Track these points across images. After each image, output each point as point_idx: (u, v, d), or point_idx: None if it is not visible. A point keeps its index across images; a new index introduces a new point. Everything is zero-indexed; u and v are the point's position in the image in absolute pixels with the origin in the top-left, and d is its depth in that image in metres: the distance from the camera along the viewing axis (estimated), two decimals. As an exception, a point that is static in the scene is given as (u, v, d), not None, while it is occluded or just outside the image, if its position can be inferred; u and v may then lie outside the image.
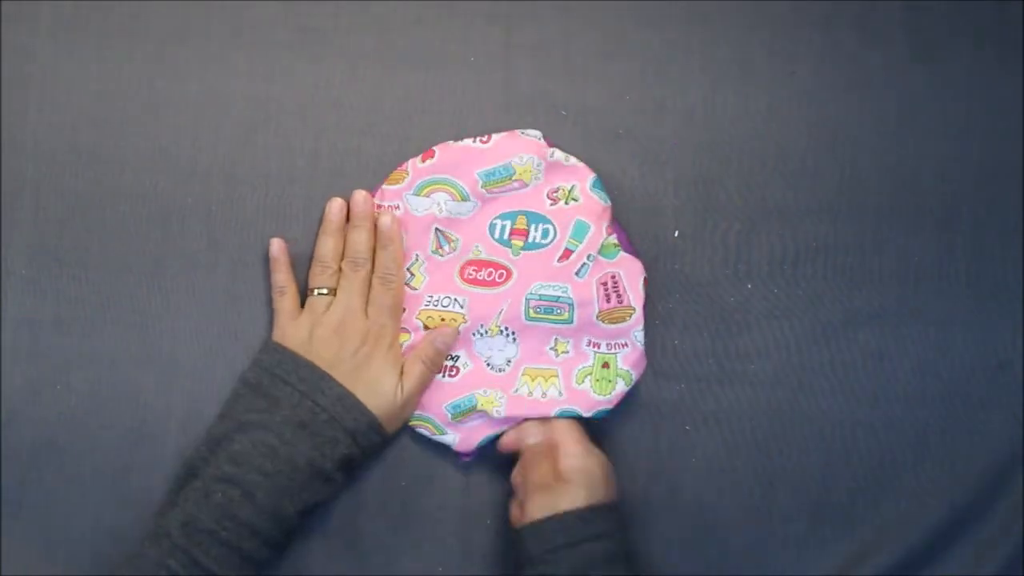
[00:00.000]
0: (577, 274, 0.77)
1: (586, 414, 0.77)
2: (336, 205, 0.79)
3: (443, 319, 0.78)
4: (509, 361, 0.79)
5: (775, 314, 0.80)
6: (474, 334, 0.78)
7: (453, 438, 0.79)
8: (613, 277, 0.78)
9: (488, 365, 0.79)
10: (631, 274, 0.78)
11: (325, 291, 0.77)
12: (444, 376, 0.79)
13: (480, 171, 0.78)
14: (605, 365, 0.78)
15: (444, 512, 0.80)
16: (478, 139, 0.79)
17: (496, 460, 0.79)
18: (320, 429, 0.73)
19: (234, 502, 0.71)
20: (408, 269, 0.79)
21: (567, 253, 0.77)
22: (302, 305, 0.79)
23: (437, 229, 0.79)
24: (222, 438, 0.74)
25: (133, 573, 0.70)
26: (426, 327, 0.78)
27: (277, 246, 0.79)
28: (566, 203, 0.78)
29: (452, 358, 0.79)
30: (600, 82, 0.82)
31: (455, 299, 0.78)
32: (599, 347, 0.78)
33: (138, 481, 0.80)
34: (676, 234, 0.81)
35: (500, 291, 0.78)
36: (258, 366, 0.76)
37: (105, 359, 0.80)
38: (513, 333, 0.78)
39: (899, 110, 0.82)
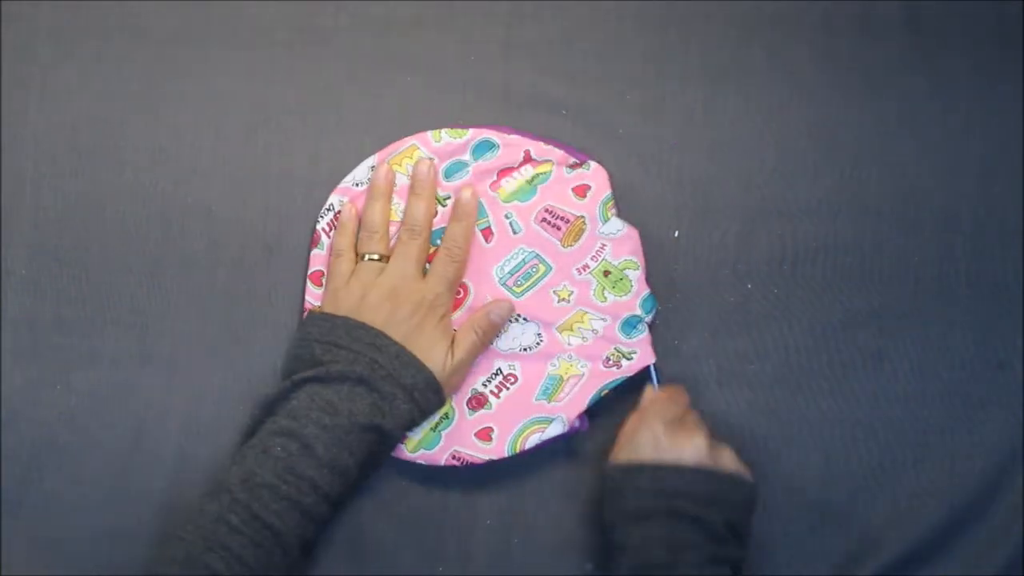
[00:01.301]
0: (514, 233, 0.78)
1: (639, 311, 0.78)
2: (383, 171, 0.79)
3: None
4: (539, 333, 0.78)
5: (775, 314, 0.80)
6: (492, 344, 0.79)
7: (561, 420, 0.77)
8: (546, 209, 0.78)
9: (526, 350, 0.78)
10: (557, 195, 0.78)
11: (376, 257, 0.77)
12: (508, 388, 0.78)
13: None
14: (606, 273, 0.78)
15: (445, 513, 0.80)
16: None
17: (496, 461, 0.79)
18: (378, 385, 0.72)
19: (293, 456, 0.70)
20: None
21: (487, 232, 0.78)
22: None
23: None
24: (278, 398, 0.73)
25: (193, 528, 0.69)
26: None
27: (348, 211, 0.79)
28: (444, 205, 0.79)
29: (495, 373, 0.78)
30: (600, 82, 0.82)
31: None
32: (588, 267, 0.78)
33: (138, 481, 0.80)
34: (676, 234, 0.81)
35: (467, 305, 0.78)
36: (306, 339, 0.76)
37: (105, 359, 0.80)
38: (517, 315, 0.78)
39: (899, 110, 0.82)
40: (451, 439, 0.78)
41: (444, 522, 0.80)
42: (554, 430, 0.77)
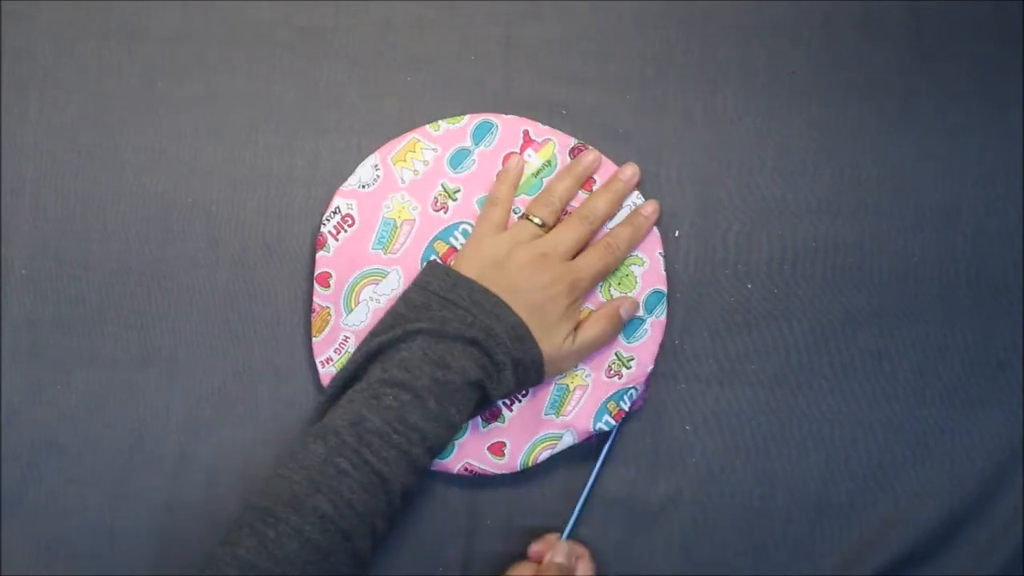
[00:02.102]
0: None
1: (641, 311, 0.78)
2: (591, 158, 0.79)
3: None
4: None
5: (775, 314, 0.80)
6: None
7: (571, 433, 0.78)
8: None
9: None
10: None
11: (539, 221, 0.76)
12: (520, 400, 0.78)
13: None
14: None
15: (445, 513, 0.80)
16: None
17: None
18: (492, 350, 0.71)
19: (405, 406, 0.69)
20: None
21: None
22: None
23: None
24: (387, 345, 0.72)
25: (298, 468, 0.68)
26: None
27: (515, 161, 0.79)
28: (454, 199, 0.79)
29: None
30: (600, 82, 0.82)
31: None
32: None
33: (138, 481, 0.80)
34: (676, 234, 0.81)
35: None
36: (425, 289, 0.74)
37: (105, 359, 0.80)
38: None
39: (899, 110, 0.82)
40: (464, 450, 0.78)
41: (444, 522, 0.80)
42: (564, 444, 0.78)
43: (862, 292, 0.80)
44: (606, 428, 0.78)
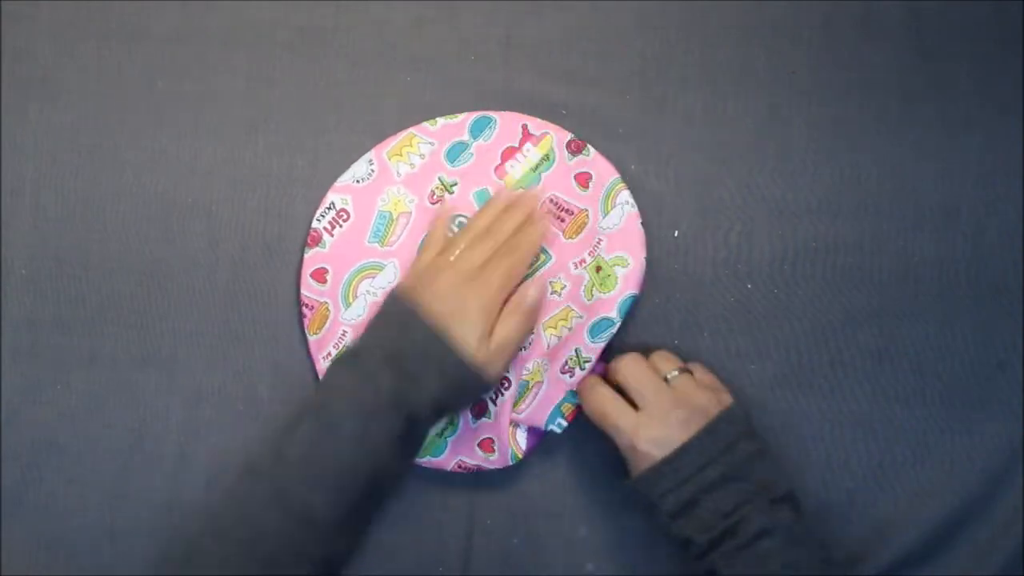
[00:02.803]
0: None
1: (614, 313, 0.77)
2: (504, 196, 0.78)
3: None
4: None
5: (775, 314, 0.80)
6: None
7: (523, 429, 0.78)
8: (551, 200, 0.79)
9: (521, 350, 0.77)
10: (560, 184, 0.79)
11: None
12: (502, 395, 0.77)
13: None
14: (598, 268, 0.78)
15: (445, 512, 0.80)
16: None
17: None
18: (407, 367, 0.69)
19: (316, 436, 0.68)
20: None
21: None
22: None
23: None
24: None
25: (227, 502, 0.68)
26: None
27: (444, 206, 0.78)
28: (451, 192, 0.80)
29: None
30: (600, 82, 0.82)
31: None
32: (585, 261, 0.79)
33: (138, 481, 0.80)
34: (676, 234, 0.81)
35: None
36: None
37: (105, 359, 0.81)
38: None
39: (899, 110, 0.82)
40: (456, 448, 0.78)
41: (444, 522, 0.80)
42: (522, 436, 0.78)
43: (862, 292, 0.80)
44: (558, 431, 0.77)
